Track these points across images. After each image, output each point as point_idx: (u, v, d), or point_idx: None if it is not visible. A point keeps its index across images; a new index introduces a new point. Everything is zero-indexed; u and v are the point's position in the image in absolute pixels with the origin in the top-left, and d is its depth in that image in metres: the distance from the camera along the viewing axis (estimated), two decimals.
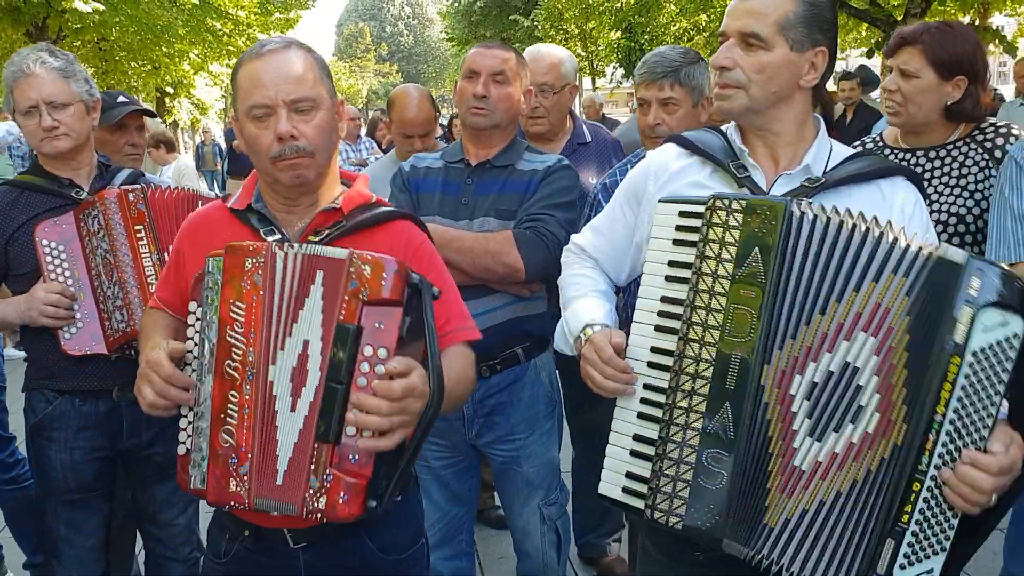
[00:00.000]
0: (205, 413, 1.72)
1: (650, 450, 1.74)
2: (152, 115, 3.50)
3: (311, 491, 1.63)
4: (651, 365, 1.77)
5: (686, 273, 1.73)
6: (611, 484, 1.79)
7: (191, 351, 1.78)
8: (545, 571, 2.96)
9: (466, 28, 35.56)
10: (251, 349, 1.69)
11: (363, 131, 9.38)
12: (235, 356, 1.69)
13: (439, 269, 1.96)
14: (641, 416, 1.77)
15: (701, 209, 1.72)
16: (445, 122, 10.01)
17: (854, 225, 1.60)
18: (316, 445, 1.63)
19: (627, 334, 1.83)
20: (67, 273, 2.60)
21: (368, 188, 2.01)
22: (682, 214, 1.76)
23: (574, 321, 1.96)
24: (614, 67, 30.90)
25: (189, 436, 1.76)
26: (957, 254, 1.53)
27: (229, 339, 1.70)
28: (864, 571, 1.56)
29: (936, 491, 1.53)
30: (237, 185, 10.09)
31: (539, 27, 29.36)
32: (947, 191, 2.64)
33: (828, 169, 1.86)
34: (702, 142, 1.94)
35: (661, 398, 1.74)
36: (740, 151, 1.89)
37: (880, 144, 2.86)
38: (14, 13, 16.37)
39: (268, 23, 21.84)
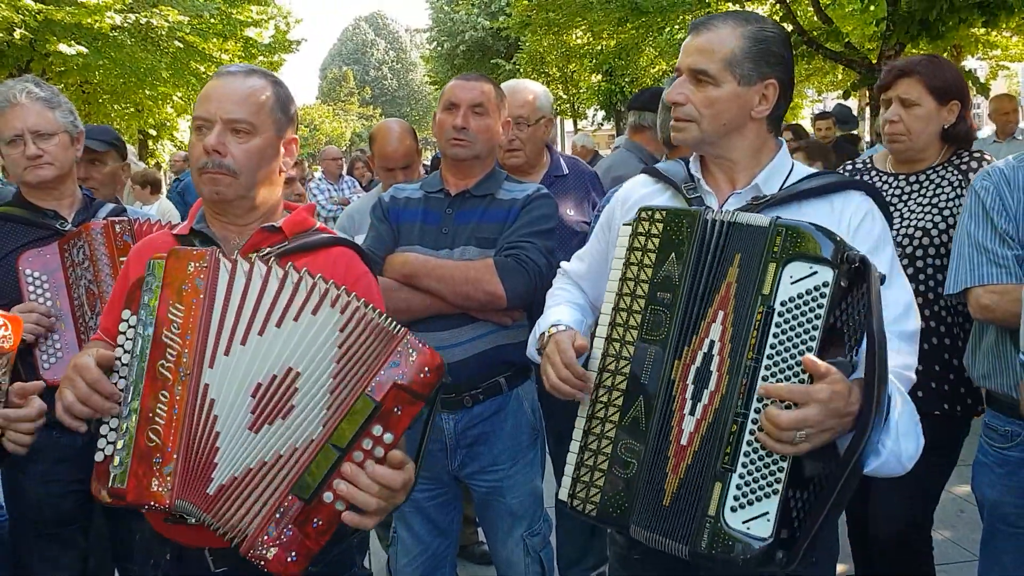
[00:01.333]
0: (133, 413, 1.68)
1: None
2: (115, 147, 3.48)
3: (266, 537, 1.63)
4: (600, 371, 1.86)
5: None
6: (567, 489, 1.86)
7: (120, 358, 1.75)
8: None
9: (449, 71, 35.91)
10: (186, 351, 1.68)
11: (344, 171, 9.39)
12: (169, 356, 1.68)
13: (377, 301, 1.96)
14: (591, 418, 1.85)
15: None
16: (428, 163, 10.06)
17: (740, 223, 1.72)
18: (290, 497, 1.63)
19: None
20: (49, 303, 2.60)
21: (314, 216, 2.05)
22: None
23: (543, 323, 2.08)
24: (595, 109, 31.26)
25: (110, 443, 1.71)
26: (762, 219, 1.70)
27: (165, 339, 1.69)
28: (700, 516, 1.65)
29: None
30: None
31: (521, 71, 29.68)
32: (919, 208, 2.81)
33: (785, 187, 1.94)
34: (666, 170, 2.07)
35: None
36: (696, 178, 2.00)
37: (869, 166, 3.03)
38: None
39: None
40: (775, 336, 1.62)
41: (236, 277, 1.70)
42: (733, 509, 1.62)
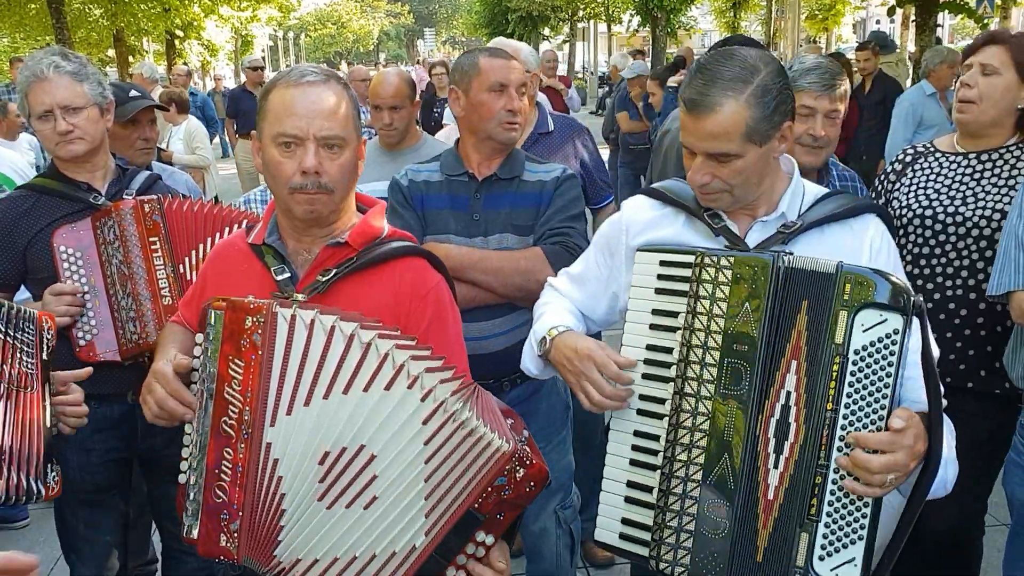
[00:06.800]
0: (201, 466, 1.70)
1: (647, 497, 1.80)
2: (164, 109, 3.47)
3: None
4: (640, 412, 1.83)
5: (671, 321, 1.80)
6: (607, 531, 1.86)
7: (195, 381, 1.77)
8: (558, 572, 3.00)
9: None
10: (247, 408, 1.66)
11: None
12: (231, 413, 1.67)
13: (445, 316, 1.93)
14: (634, 463, 1.83)
15: (682, 259, 1.80)
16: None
17: (818, 272, 1.67)
18: None
19: None
20: (83, 280, 2.60)
21: (383, 219, 1.98)
22: (663, 263, 1.83)
23: (539, 329, 2.01)
24: (630, 14, 30.40)
25: (192, 469, 1.74)
26: (828, 265, 1.65)
27: (227, 396, 1.68)
28: (788, 568, 1.65)
29: (840, 482, 1.63)
30: (244, 147, 9.96)
31: None
32: (994, 190, 2.68)
33: (803, 211, 1.90)
34: (674, 193, 1.99)
35: (653, 445, 1.80)
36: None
37: (931, 149, 2.90)
38: None
39: None
40: (851, 386, 1.61)
41: (295, 333, 1.64)
42: (821, 558, 1.63)
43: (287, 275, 1.86)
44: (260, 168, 1.89)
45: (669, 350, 1.78)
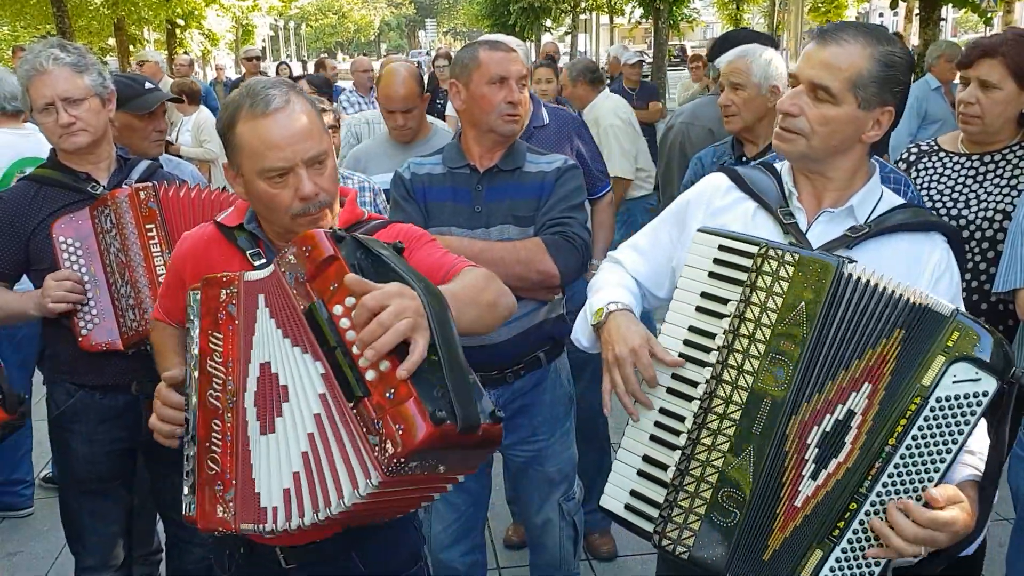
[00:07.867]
0: (194, 442, 1.75)
1: (660, 473, 1.79)
2: (180, 101, 3.48)
3: (376, 448, 1.46)
4: (670, 391, 1.80)
5: (719, 307, 1.77)
6: (614, 499, 1.84)
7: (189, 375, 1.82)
8: (561, 564, 3.01)
9: None
10: (230, 378, 1.71)
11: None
12: (215, 385, 1.72)
13: (423, 238, 1.94)
14: (654, 439, 1.81)
15: (745, 247, 1.76)
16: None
17: (892, 291, 1.63)
18: (355, 410, 1.50)
19: None
20: (83, 269, 2.60)
21: (358, 204, 2.00)
22: (722, 248, 1.79)
23: (597, 302, 1.97)
24: (633, 6, 30.33)
25: (187, 446, 1.79)
26: (944, 307, 1.61)
27: (210, 369, 1.72)
28: (788, 574, 1.64)
29: (869, 519, 1.61)
30: None
31: None
32: (996, 191, 2.70)
33: (874, 217, 1.87)
34: (753, 181, 1.97)
35: (677, 425, 1.78)
36: (790, 194, 1.92)
37: (935, 148, 2.91)
38: None
39: None
40: (919, 429, 1.58)
41: (240, 298, 1.70)
42: None
43: (263, 260, 1.85)
44: (243, 197, 1.87)
45: (712, 335, 1.76)
